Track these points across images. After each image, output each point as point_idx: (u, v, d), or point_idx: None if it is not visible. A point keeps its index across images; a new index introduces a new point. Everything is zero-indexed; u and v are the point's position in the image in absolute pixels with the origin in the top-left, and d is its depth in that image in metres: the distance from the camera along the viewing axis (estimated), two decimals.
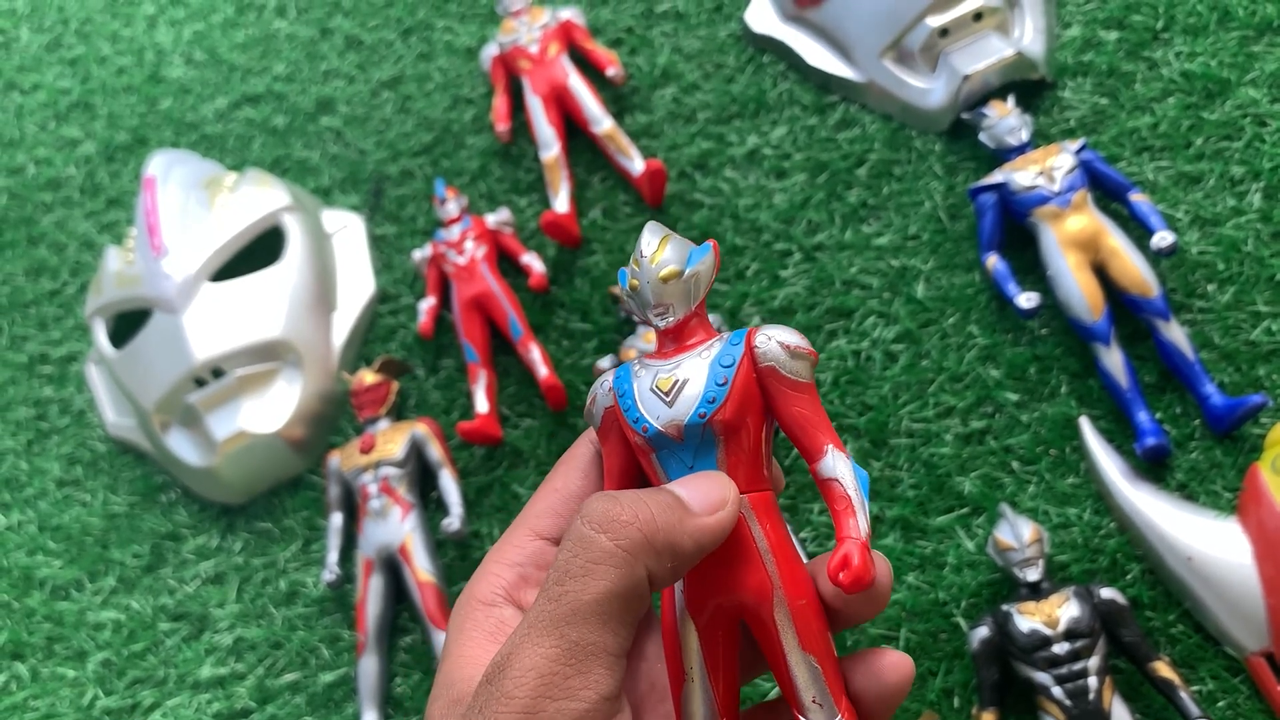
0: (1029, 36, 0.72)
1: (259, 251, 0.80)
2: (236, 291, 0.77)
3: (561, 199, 0.76)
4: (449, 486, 0.71)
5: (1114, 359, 0.62)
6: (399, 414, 0.76)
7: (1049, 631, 0.54)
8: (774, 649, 0.34)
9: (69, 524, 0.80)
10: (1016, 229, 0.67)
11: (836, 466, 0.34)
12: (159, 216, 0.80)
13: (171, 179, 0.83)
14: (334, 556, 0.71)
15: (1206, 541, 0.57)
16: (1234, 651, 0.56)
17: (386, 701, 0.68)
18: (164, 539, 0.77)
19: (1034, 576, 0.57)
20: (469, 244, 0.76)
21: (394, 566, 0.70)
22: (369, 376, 0.74)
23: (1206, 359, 0.62)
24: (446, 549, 0.71)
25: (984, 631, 0.56)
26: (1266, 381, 0.61)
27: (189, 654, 0.73)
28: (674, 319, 0.35)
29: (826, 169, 0.75)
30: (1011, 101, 0.69)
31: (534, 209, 0.80)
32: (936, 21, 0.72)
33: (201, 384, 0.76)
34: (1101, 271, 0.63)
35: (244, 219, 0.80)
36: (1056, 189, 0.65)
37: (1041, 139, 0.71)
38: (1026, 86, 0.72)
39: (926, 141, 0.73)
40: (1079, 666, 0.54)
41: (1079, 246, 0.63)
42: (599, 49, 0.82)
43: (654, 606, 0.38)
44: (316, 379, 0.77)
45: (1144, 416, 0.61)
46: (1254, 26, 0.70)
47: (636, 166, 0.76)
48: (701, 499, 0.33)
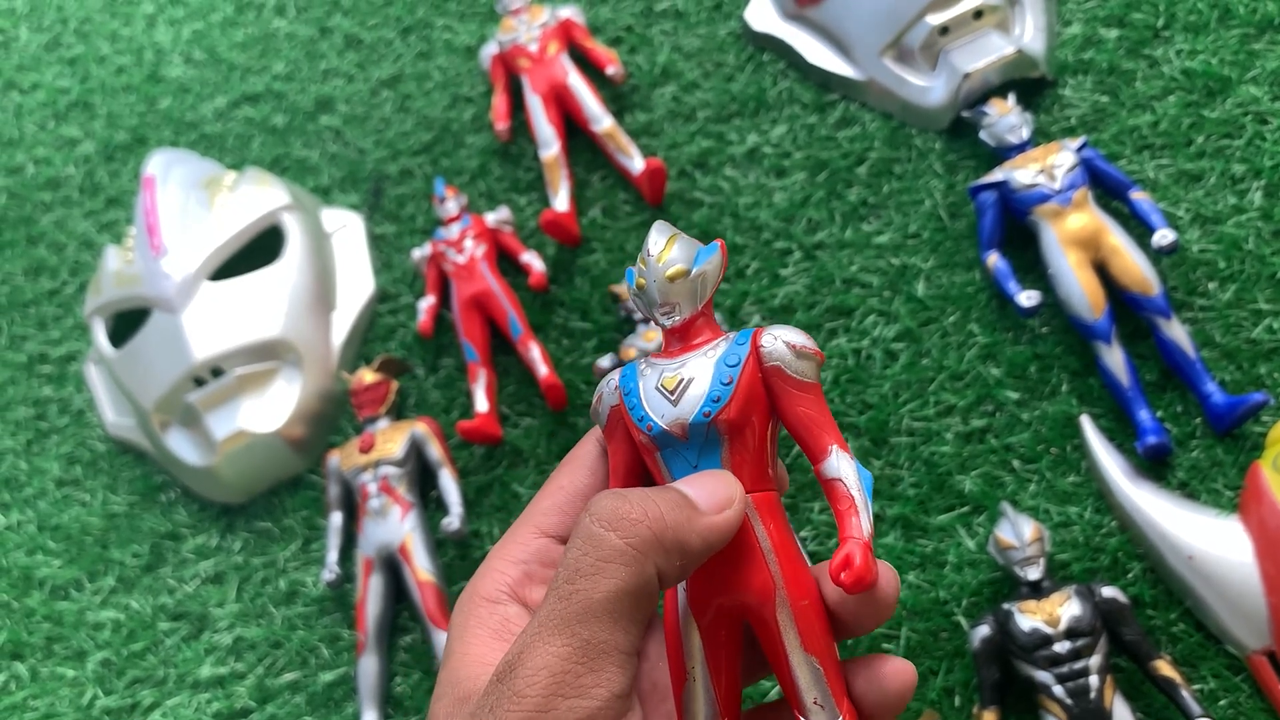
0: (1029, 34, 0.72)
1: (258, 251, 0.80)
2: (236, 291, 0.77)
3: (561, 198, 0.76)
4: (449, 486, 0.71)
5: (1115, 357, 0.62)
6: (399, 413, 0.76)
7: (1050, 630, 0.54)
8: (776, 649, 0.34)
9: (68, 524, 0.79)
10: (1017, 227, 0.67)
11: (840, 467, 0.33)
12: (158, 216, 0.80)
13: (171, 178, 0.83)
14: (334, 556, 0.71)
15: (1208, 540, 0.57)
16: (1235, 650, 0.56)
17: (386, 701, 0.68)
18: (163, 538, 0.77)
19: (1035, 575, 0.57)
20: (468, 243, 0.76)
21: (394, 566, 0.70)
22: (368, 375, 0.74)
23: (1207, 357, 0.62)
24: (446, 548, 0.71)
25: (985, 630, 0.56)
26: (1268, 380, 0.61)
27: (189, 653, 0.73)
28: (680, 318, 0.36)
29: (826, 167, 0.74)
30: (1012, 99, 0.69)
31: (534, 208, 0.80)
32: (937, 19, 0.72)
33: (201, 383, 0.76)
34: (1102, 270, 0.63)
35: (243, 218, 0.80)
36: (1057, 187, 0.64)
37: (1042, 137, 0.71)
38: (1027, 84, 0.72)
39: (927, 140, 0.73)
40: (1080, 665, 0.54)
41: (1080, 245, 0.63)
42: (599, 47, 0.82)
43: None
44: (316, 378, 0.77)
45: (1145, 415, 0.61)
46: (1255, 24, 0.70)
47: (636, 165, 0.76)
48: (708, 497, 0.33)
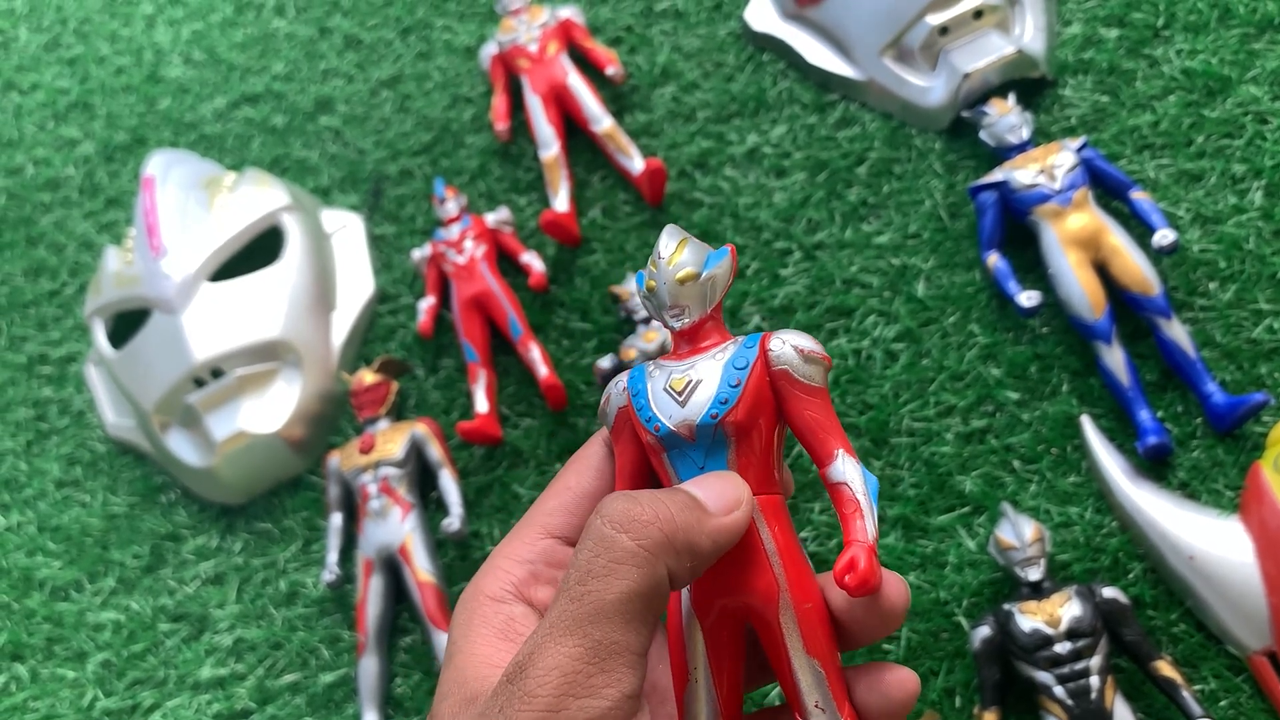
0: (1029, 34, 0.72)
1: (258, 251, 0.80)
2: (236, 291, 0.77)
3: (561, 198, 0.76)
4: (449, 486, 0.71)
5: (1115, 357, 0.62)
6: (399, 414, 0.76)
7: (1051, 631, 0.54)
8: (778, 652, 0.34)
9: (68, 525, 0.79)
10: (1017, 227, 0.67)
11: (846, 470, 0.34)
12: (158, 216, 0.80)
13: (170, 179, 0.82)
14: (334, 557, 0.71)
15: (1208, 540, 0.57)
16: (1236, 650, 0.56)
17: (387, 702, 0.68)
18: (164, 539, 0.77)
19: (1035, 576, 0.57)
20: (468, 243, 0.76)
21: (394, 567, 0.70)
22: (368, 376, 0.74)
23: (1208, 357, 0.62)
24: (446, 549, 0.71)
25: (985, 631, 0.56)
26: (1268, 379, 0.61)
27: (189, 655, 0.73)
28: (689, 320, 0.36)
29: (826, 167, 0.74)
30: (1012, 99, 0.69)
31: (533, 208, 0.80)
32: (936, 19, 0.72)
33: (201, 384, 0.76)
34: (1103, 270, 0.63)
35: (243, 219, 0.80)
36: (1057, 187, 0.64)
37: (1042, 137, 0.70)
38: (1027, 84, 0.72)
39: (927, 140, 0.73)
40: (1081, 666, 0.54)
41: (1080, 245, 0.63)
42: (598, 48, 0.82)
43: None
44: (316, 379, 0.77)
45: (1145, 415, 0.61)
46: (1255, 24, 0.69)
47: (636, 165, 0.76)
48: (717, 499, 0.33)
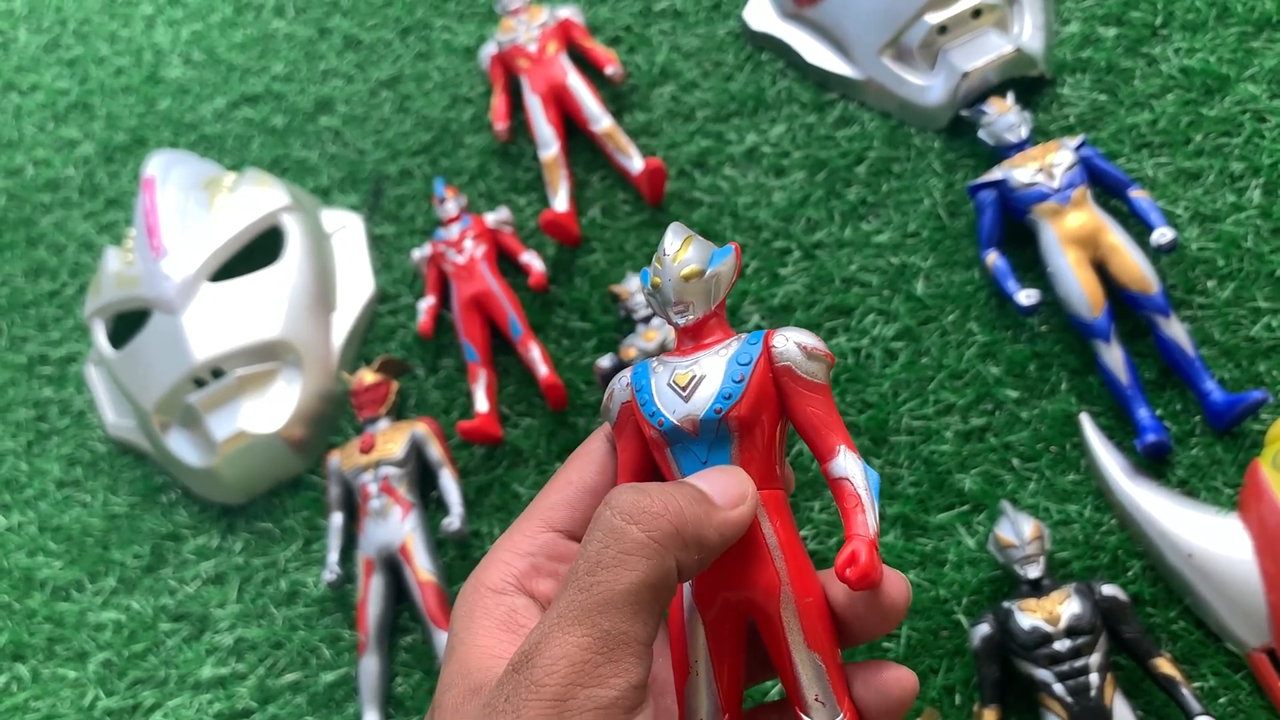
0: (1028, 33, 0.72)
1: (258, 252, 0.80)
2: (236, 292, 0.77)
3: (560, 198, 0.76)
4: (449, 486, 0.71)
5: (1114, 356, 0.62)
6: (399, 413, 0.76)
7: (1050, 628, 0.54)
8: (779, 646, 0.34)
9: (69, 525, 0.80)
10: (1016, 226, 0.67)
11: (848, 466, 0.34)
12: (158, 217, 0.80)
13: (170, 179, 0.83)
14: (334, 556, 0.71)
15: (1207, 538, 0.57)
16: (1235, 648, 0.56)
17: (387, 701, 0.68)
18: (164, 539, 0.77)
19: (1035, 573, 0.57)
20: (468, 243, 0.76)
21: (394, 566, 0.70)
22: (369, 376, 0.74)
23: (1206, 355, 0.62)
24: (447, 548, 0.71)
25: (985, 629, 0.56)
26: (1267, 377, 0.61)
27: (190, 654, 0.73)
28: (693, 317, 0.36)
29: (825, 167, 0.74)
30: (1010, 98, 0.69)
31: (533, 208, 0.80)
32: (935, 18, 0.72)
33: (201, 384, 0.76)
34: (1101, 268, 0.63)
35: (243, 219, 0.80)
36: (1056, 186, 0.65)
37: (1041, 136, 0.71)
38: (1025, 83, 0.72)
39: (925, 139, 0.73)
40: (1080, 663, 0.54)
41: (1078, 243, 0.63)
42: (597, 47, 0.82)
43: None
44: (316, 379, 0.77)
45: (1144, 413, 0.61)
46: (1253, 22, 0.70)
47: (635, 165, 0.76)
48: (723, 492, 0.33)
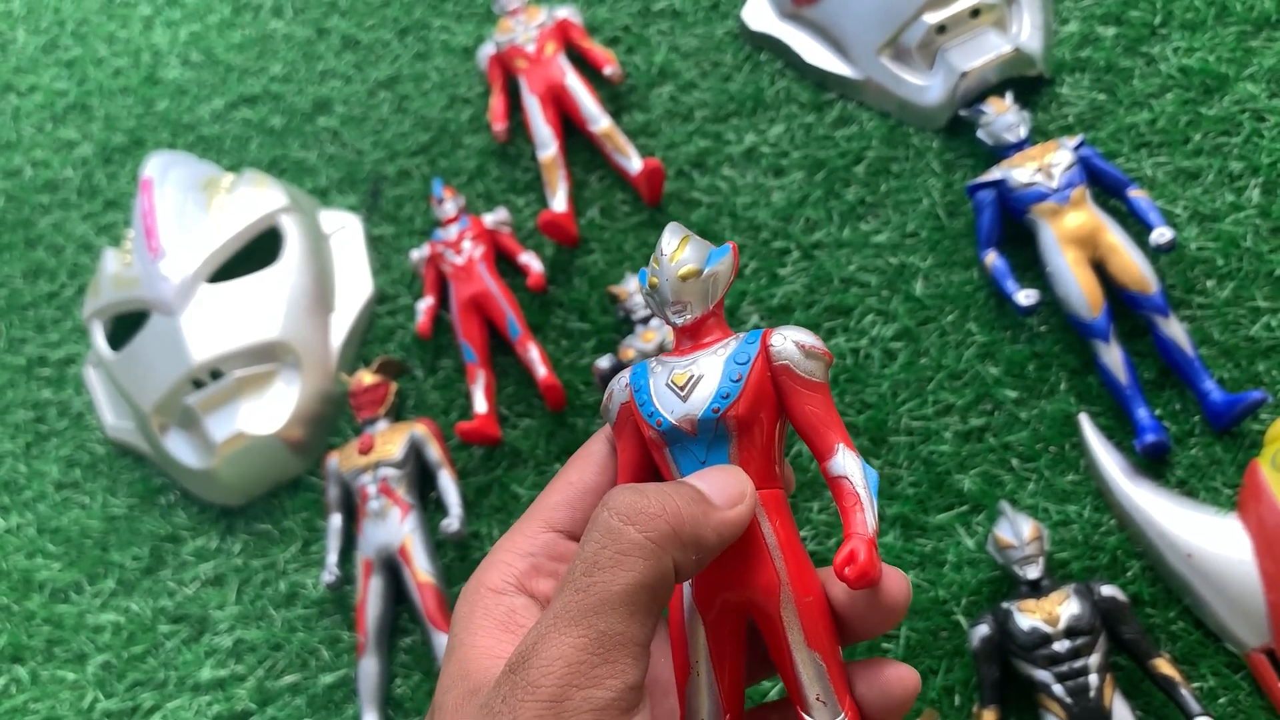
0: (1027, 32, 0.72)
1: (257, 253, 0.80)
2: (234, 293, 0.77)
3: (559, 198, 0.76)
4: (448, 487, 0.71)
5: (1113, 356, 0.62)
6: (398, 415, 0.76)
7: (1049, 629, 0.54)
8: (780, 645, 0.34)
9: (68, 526, 0.80)
10: (1015, 226, 0.67)
11: (846, 464, 0.34)
12: (156, 218, 0.80)
13: (169, 180, 0.83)
14: (333, 558, 0.71)
15: (1206, 538, 0.57)
16: (1234, 648, 0.56)
17: (387, 703, 0.68)
18: (163, 541, 0.77)
19: (1034, 574, 0.57)
20: (467, 244, 0.76)
21: (393, 567, 0.70)
22: (367, 377, 0.74)
23: (1206, 355, 0.62)
24: (446, 550, 0.71)
25: (984, 629, 0.56)
26: (1266, 377, 0.61)
27: (189, 656, 0.73)
28: (691, 317, 0.36)
29: (824, 167, 0.74)
30: (1009, 98, 0.69)
31: (532, 208, 0.80)
32: (934, 18, 0.72)
33: (200, 386, 0.76)
34: (1100, 268, 0.63)
35: (241, 220, 0.80)
36: (1055, 185, 0.64)
37: (1040, 135, 0.70)
38: (1024, 83, 0.72)
39: (924, 139, 0.73)
40: (1079, 664, 0.54)
41: (1077, 243, 0.63)
42: (596, 48, 0.82)
43: None
44: (315, 380, 0.77)
45: (1143, 413, 0.61)
46: (1252, 21, 0.69)
47: (634, 165, 0.76)
48: (721, 492, 0.33)
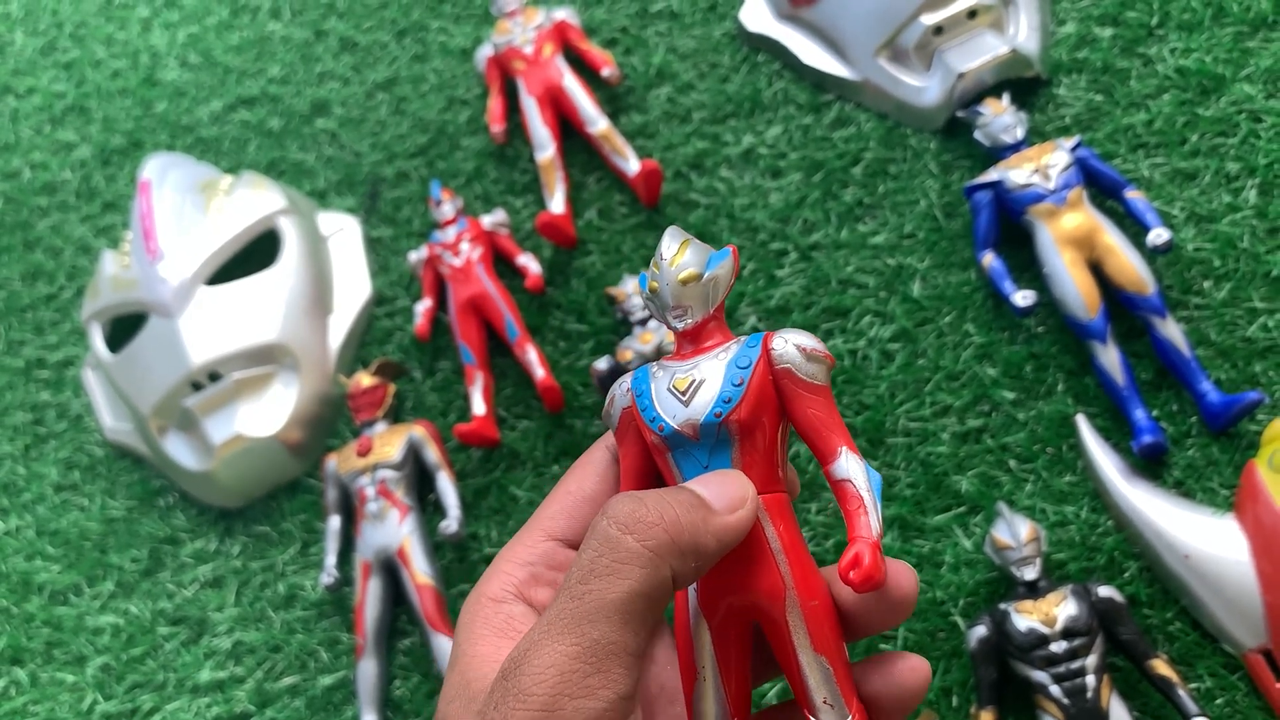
0: (1024, 34, 0.72)
1: (255, 255, 0.80)
2: (232, 295, 0.77)
3: (557, 200, 0.76)
4: (446, 489, 0.71)
5: (1110, 356, 0.62)
6: (396, 416, 0.76)
7: (1047, 630, 0.54)
8: (786, 649, 0.34)
9: (67, 529, 0.80)
10: (1012, 227, 0.67)
11: (850, 468, 0.34)
12: (154, 220, 0.80)
13: (167, 182, 0.83)
14: (332, 559, 0.71)
15: (1204, 539, 0.57)
16: (1231, 649, 0.56)
17: (386, 704, 0.68)
18: (162, 543, 0.77)
19: (1031, 575, 0.57)
20: (465, 245, 0.76)
21: (392, 569, 0.70)
22: (366, 379, 0.74)
23: (1203, 356, 0.62)
24: (444, 551, 0.71)
25: (982, 630, 0.56)
26: (1263, 378, 0.61)
27: (188, 658, 0.73)
28: (692, 321, 0.36)
29: (822, 168, 0.74)
30: (1006, 99, 0.69)
31: (529, 210, 0.80)
32: (931, 19, 0.72)
33: (198, 388, 0.76)
34: (1097, 269, 0.63)
35: (240, 222, 0.80)
36: (1052, 186, 0.64)
37: (1037, 136, 0.71)
38: (1021, 84, 0.72)
39: (922, 140, 0.73)
40: (1077, 665, 0.54)
41: (1074, 244, 0.63)
42: (594, 49, 0.82)
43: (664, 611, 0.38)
44: (313, 382, 0.77)
45: (1140, 414, 0.61)
46: (1249, 22, 0.70)
47: (632, 167, 0.76)
48: (722, 497, 0.33)
